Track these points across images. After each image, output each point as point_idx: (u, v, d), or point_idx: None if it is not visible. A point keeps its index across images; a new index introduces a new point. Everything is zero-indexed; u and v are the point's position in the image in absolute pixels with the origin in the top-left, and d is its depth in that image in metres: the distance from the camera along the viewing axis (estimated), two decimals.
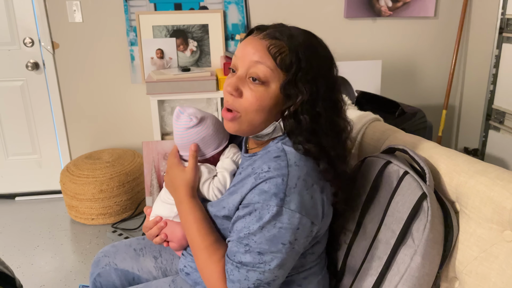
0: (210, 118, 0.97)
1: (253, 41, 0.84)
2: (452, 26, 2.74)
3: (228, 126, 0.88)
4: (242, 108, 0.84)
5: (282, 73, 0.81)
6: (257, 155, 0.89)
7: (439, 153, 0.91)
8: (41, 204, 2.67)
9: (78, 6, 2.44)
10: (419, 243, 0.81)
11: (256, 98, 0.82)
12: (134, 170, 2.42)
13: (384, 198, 0.91)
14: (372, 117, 1.17)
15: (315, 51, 0.84)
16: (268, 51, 0.81)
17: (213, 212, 0.90)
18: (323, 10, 2.62)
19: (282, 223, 0.78)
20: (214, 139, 0.97)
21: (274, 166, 0.80)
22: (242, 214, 0.82)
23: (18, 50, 2.50)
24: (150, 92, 2.22)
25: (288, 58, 0.80)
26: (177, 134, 0.96)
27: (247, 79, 0.83)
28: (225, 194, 0.91)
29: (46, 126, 2.66)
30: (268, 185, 0.79)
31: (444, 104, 2.76)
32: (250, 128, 0.86)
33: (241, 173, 0.90)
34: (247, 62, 0.83)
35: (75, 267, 2.02)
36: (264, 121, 0.85)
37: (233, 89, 0.83)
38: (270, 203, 0.78)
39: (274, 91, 0.82)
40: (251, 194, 0.81)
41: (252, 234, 0.79)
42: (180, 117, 0.95)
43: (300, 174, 0.80)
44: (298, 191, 0.79)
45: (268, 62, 0.81)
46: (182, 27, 2.50)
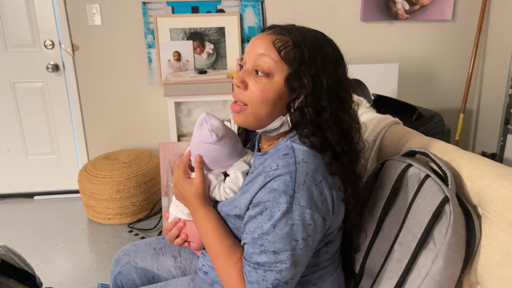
0: (230, 138, 0.95)
1: (260, 36, 0.87)
2: (470, 29, 2.71)
3: (235, 119, 0.90)
4: (248, 99, 0.86)
5: (286, 67, 0.83)
6: (268, 154, 0.90)
7: (461, 156, 0.91)
8: (59, 203, 2.71)
9: (98, 9, 2.48)
10: (441, 247, 0.81)
11: (260, 89, 0.84)
12: (150, 170, 2.45)
13: (404, 201, 0.91)
14: (391, 120, 1.17)
15: (320, 48, 0.85)
16: (273, 44, 0.84)
17: (225, 212, 0.91)
18: (340, 13, 2.62)
19: (293, 220, 0.79)
20: (225, 161, 0.96)
21: (282, 164, 0.82)
22: (254, 214, 0.83)
23: (39, 52, 2.55)
24: (167, 94, 2.25)
25: (292, 52, 0.82)
26: (194, 142, 0.95)
27: (252, 71, 0.86)
28: (237, 193, 0.92)
29: (65, 127, 2.71)
30: (277, 183, 0.80)
31: (462, 108, 2.73)
32: (256, 121, 0.88)
33: (253, 172, 0.91)
34: (253, 55, 0.86)
35: (92, 266, 2.05)
36: (270, 114, 0.86)
37: (239, 81, 0.86)
38: (279, 201, 0.79)
39: (278, 84, 0.84)
40: (260, 193, 0.82)
41: (265, 233, 0.80)
42: (202, 126, 0.93)
43: (308, 171, 0.81)
44: (307, 187, 0.80)
45: (272, 54, 0.83)
46: (199, 29, 2.53)
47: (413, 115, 1.92)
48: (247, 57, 0.88)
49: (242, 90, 0.87)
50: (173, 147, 2.30)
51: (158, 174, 2.50)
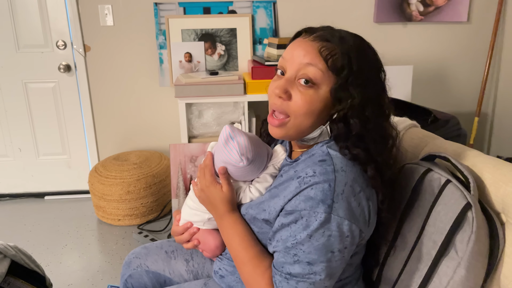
0: (259, 156, 0.91)
1: (303, 43, 0.82)
2: (486, 31, 2.66)
3: (274, 132, 0.85)
4: (291, 111, 0.82)
5: (332, 76, 0.80)
6: (300, 159, 0.87)
7: (484, 161, 0.88)
8: (69, 203, 2.71)
9: (110, 10, 2.48)
10: (463, 255, 0.78)
11: (306, 101, 0.80)
12: (160, 172, 2.44)
13: (424, 207, 0.88)
14: (409, 123, 1.14)
15: (366, 55, 0.83)
16: (320, 53, 0.79)
17: (252, 214, 0.88)
18: (353, 15, 2.59)
19: (330, 231, 0.76)
20: (254, 175, 0.93)
21: (320, 171, 0.78)
22: (287, 222, 0.79)
23: (51, 52, 2.55)
24: (179, 95, 2.24)
25: (339, 61, 0.79)
26: (220, 159, 0.91)
27: (296, 81, 0.82)
28: (265, 195, 0.88)
29: (76, 127, 2.71)
30: (315, 191, 0.76)
31: (477, 112, 2.68)
32: (297, 132, 0.84)
33: (283, 175, 0.88)
34: (296, 64, 0.81)
35: (102, 267, 2.04)
36: (312, 125, 0.83)
37: (282, 91, 0.81)
38: (317, 210, 0.76)
39: (324, 94, 0.81)
40: (295, 200, 0.79)
41: (299, 243, 0.77)
42: (229, 145, 0.88)
43: (347, 180, 0.78)
44: (346, 197, 0.76)
45: (319, 64, 0.79)
46: (210, 31, 2.51)
47: (428, 119, 1.88)
48: (289, 65, 0.83)
49: (284, 100, 0.82)
50: (183, 149, 2.28)
51: (169, 175, 2.49)
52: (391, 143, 0.86)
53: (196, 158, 2.29)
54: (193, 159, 2.29)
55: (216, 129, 2.38)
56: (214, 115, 2.36)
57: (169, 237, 2.26)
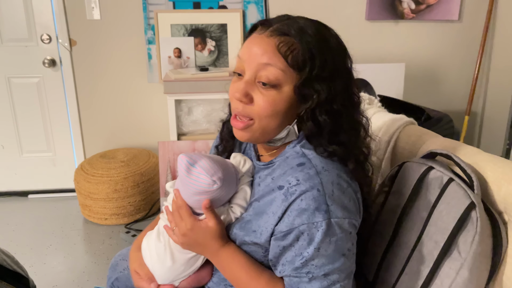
0: (228, 173, 0.82)
1: (259, 40, 0.75)
2: (477, 30, 2.66)
3: (239, 135, 0.80)
4: (255, 114, 0.76)
5: (294, 73, 0.74)
6: (275, 163, 0.82)
7: (485, 159, 0.85)
8: (54, 202, 2.64)
9: (97, 3, 2.41)
10: (466, 256, 0.75)
11: (269, 102, 0.75)
12: (149, 170, 2.38)
13: (424, 206, 0.85)
14: (406, 120, 1.11)
15: (328, 44, 0.76)
16: (278, 50, 0.73)
17: (241, 237, 0.81)
18: (344, 12, 2.56)
19: (336, 235, 0.72)
20: (229, 194, 0.84)
21: (303, 177, 0.74)
22: (288, 243, 0.74)
23: (35, 46, 2.48)
24: (168, 91, 2.18)
25: (300, 56, 0.73)
26: (189, 192, 0.81)
27: (256, 83, 0.76)
28: (249, 212, 0.82)
29: (61, 124, 2.64)
30: (306, 201, 0.72)
31: (467, 110, 2.68)
32: (263, 135, 0.79)
33: (260, 184, 0.83)
34: (254, 64, 0.75)
35: (88, 268, 1.98)
36: (278, 126, 0.78)
37: (242, 95, 0.76)
38: (316, 220, 0.71)
39: (288, 93, 0.75)
40: (288, 217, 0.74)
41: (309, 260, 0.72)
42: (192, 173, 0.79)
43: (333, 179, 0.74)
44: (337, 196, 0.74)
45: (278, 63, 0.73)
46: (200, 26, 2.47)
47: (421, 117, 1.86)
48: (246, 65, 0.76)
49: (246, 104, 0.76)
50: (172, 146, 2.24)
51: (157, 173, 2.43)
52: (364, 132, 0.83)
53: None
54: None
55: (206, 126, 2.34)
56: (204, 112, 2.31)
57: None
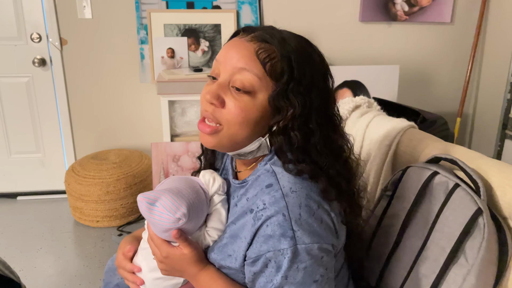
0: (194, 202, 0.78)
1: (238, 44, 0.73)
2: (469, 33, 2.68)
3: (205, 140, 0.76)
4: (224, 119, 0.73)
5: (271, 82, 0.72)
6: (248, 182, 0.79)
7: (488, 164, 0.85)
8: (43, 204, 2.59)
9: (88, 2, 2.37)
10: (473, 263, 0.75)
11: (240, 108, 0.72)
12: (141, 171, 2.35)
13: (429, 211, 0.85)
14: (407, 124, 1.11)
15: (310, 59, 0.74)
16: (256, 55, 0.71)
17: (217, 260, 0.79)
18: (338, 13, 2.56)
19: (304, 262, 0.69)
20: (200, 221, 0.81)
21: (269, 201, 0.71)
22: (258, 270, 0.72)
23: (25, 45, 2.42)
24: (161, 92, 2.16)
25: (279, 65, 0.71)
26: (158, 229, 0.79)
27: (230, 87, 0.73)
28: (226, 235, 0.79)
29: (51, 125, 2.59)
30: (271, 227, 0.69)
31: (459, 112, 2.71)
32: (231, 143, 0.76)
33: (237, 204, 0.80)
34: (230, 68, 0.72)
35: (79, 271, 1.94)
36: (248, 136, 0.75)
37: (214, 97, 0.72)
38: (281, 247, 0.68)
39: (261, 102, 0.73)
40: (256, 243, 0.72)
41: (279, 287, 0.70)
42: (153, 212, 0.75)
43: (300, 201, 0.70)
44: (305, 220, 0.69)
45: (255, 69, 0.71)
46: (194, 26, 2.44)
47: (415, 119, 1.86)
48: (222, 68, 0.74)
49: (216, 107, 0.73)
50: (166, 148, 2.21)
51: (149, 175, 2.40)
52: (345, 156, 0.79)
53: (179, 157, 2.22)
54: (176, 159, 2.22)
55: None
56: (197, 113, 2.29)
57: None
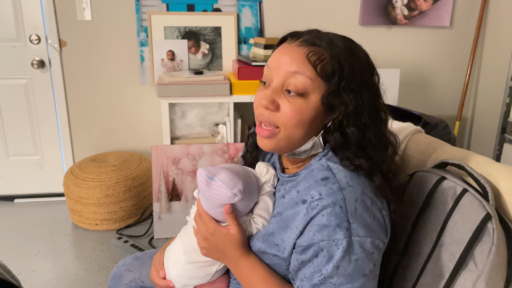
0: (249, 184, 0.82)
1: (289, 49, 0.77)
2: (468, 37, 2.70)
3: (264, 144, 0.80)
4: (280, 122, 0.77)
5: (323, 83, 0.75)
6: (300, 175, 0.81)
7: (498, 169, 0.85)
8: (41, 207, 2.57)
9: (88, 4, 2.36)
10: (483, 268, 0.75)
11: (296, 111, 0.75)
12: (141, 174, 2.34)
13: (437, 216, 0.85)
14: (414, 129, 1.11)
15: (357, 57, 0.77)
16: (307, 59, 0.74)
17: (262, 248, 0.81)
18: (338, 16, 2.57)
19: (356, 254, 0.70)
20: (251, 205, 0.84)
21: (326, 192, 0.73)
22: (307, 258, 0.73)
23: (24, 47, 2.41)
24: (162, 94, 2.15)
25: (329, 66, 0.74)
26: (211, 205, 0.83)
27: (283, 91, 0.77)
28: (272, 224, 0.81)
29: (50, 127, 2.57)
30: (327, 217, 0.71)
31: (458, 116, 2.72)
32: (288, 144, 0.79)
33: (285, 196, 0.82)
34: (283, 72, 0.76)
35: (79, 275, 1.93)
36: (304, 136, 0.78)
37: (269, 102, 0.76)
38: (336, 237, 0.70)
39: (315, 103, 0.76)
40: (308, 232, 0.73)
41: (328, 277, 0.70)
42: (212, 187, 0.80)
43: (356, 196, 0.73)
44: (360, 214, 0.72)
45: (307, 71, 0.74)
46: (194, 28, 2.44)
47: (417, 123, 1.87)
48: (275, 74, 0.77)
49: (272, 111, 0.77)
50: (166, 150, 2.20)
51: (149, 178, 2.39)
52: (392, 150, 0.82)
53: (179, 160, 2.21)
54: (176, 161, 2.21)
55: (200, 130, 2.31)
56: (198, 116, 2.28)
57: (150, 242, 2.17)
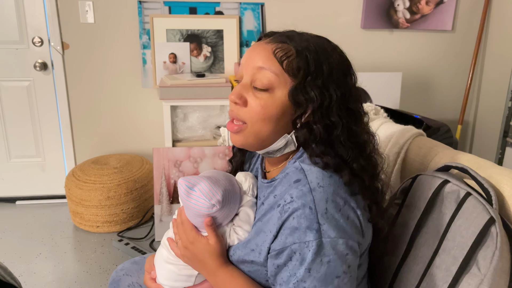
0: (229, 193, 0.83)
1: (257, 46, 0.79)
2: (470, 41, 2.70)
3: (234, 139, 0.82)
4: (247, 117, 0.78)
5: (289, 79, 0.75)
6: (276, 180, 0.81)
7: (501, 173, 0.85)
8: (42, 209, 2.57)
9: (91, 7, 2.37)
10: (486, 272, 0.74)
11: (261, 106, 0.76)
12: (142, 177, 2.34)
13: (440, 220, 0.84)
14: (415, 132, 1.10)
15: (327, 55, 0.76)
16: (274, 54, 0.76)
17: (240, 256, 0.81)
18: (340, 20, 2.57)
19: (328, 256, 0.70)
20: (231, 215, 0.84)
21: (296, 194, 0.73)
22: (282, 262, 0.73)
23: (27, 49, 2.42)
24: (164, 97, 2.15)
25: (295, 62, 0.74)
26: (191, 214, 0.83)
27: (251, 87, 0.78)
28: (250, 233, 0.81)
29: (52, 129, 2.58)
30: (297, 219, 0.71)
31: (460, 119, 2.71)
32: (257, 141, 0.79)
33: (264, 203, 0.81)
34: (250, 69, 0.78)
35: (80, 278, 1.92)
36: (273, 132, 0.78)
37: (237, 97, 0.78)
38: (306, 239, 0.70)
39: (281, 98, 0.76)
40: (281, 235, 0.73)
41: (301, 280, 0.70)
42: (191, 196, 0.81)
43: (327, 196, 0.72)
44: (331, 215, 0.71)
45: (273, 67, 0.75)
46: (196, 31, 2.44)
47: (419, 127, 1.86)
48: (244, 70, 0.79)
49: (240, 106, 0.79)
50: (167, 153, 2.20)
51: (150, 180, 2.39)
52: (369, 150, 0.81)
53: (181, 163, 2.20)
54: (178, 164, 2.21)
55: (202, 132, 2.31)
56: (199, 118, 2.29)
57: (151, 244, 2.17)
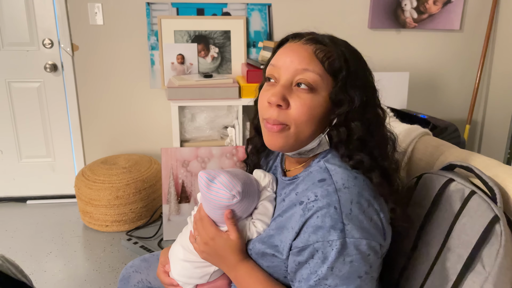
0: (248, 186, 0.84)
1: (295, 47, 0.79)
2: (478, 40, 2.69)
3: (273, 141, 0.79)
4: (291, 119, 0.76)
5: (330, 79, 0.77)
6: (299, 178, 0.82)
7: (506, 172, 0.85)
8: (52, 208, 2.61)
9: (100, 9, 2.40)
10: (490, 270, 0.75)
11: (307, 106, 0.75)
12: (151, 176, 2.36)
13: (445, 218, 0.85)
14: (422, 131, 1.11)
15: (359, 56, 0.81)
16: (315, 55, 0.76)
17: (261, 249, 0.82)
18: (347, 20, 2.57)
19: (351, 256, 0.70)
20: (250, 208, 0.86)
21: (321, 193, 0.73)
22: (304, 260, 0.73)
23: (37, 51, 2.45)
24: (172, 97, 2.17)
25: (336, 62, 0.76)
26: (210, 207, 0.85)
27: (293, 87, 0.77)
28: (271, 227, 0.82)
29: (61, 129, 2.61)
30: (321, 218, 0.71)
31: (468, 119, 2.70)
32: (297, 142, 0.79)
33: (285, 199, 0.82)
34: (292, 70, 0.77)
35: (89, 276, 1.95)
36: (312, 133, 0.78)
37: (280, 98, 0.75)
38: (330, 238, 0.70)
39: (323, 99, 0.77)
40: (304, 233, 0.73)
41: (323, 278, 0.71)
42: (211, 189, 0.82)
43: (352, 198, 0.73)
44: (355, 216, 0.71)
45: (316, 68, 0.76)
46: (204, 32, 2.46)
47: (426, 127, 1.86)
48: (283, 72, 0.77)
49: (282, 109, 0.76)
50: (175, 153, 2.22)
51: (158, 180, 2.41)
52: (391, 146, 0.83)
53: (189, 163, 2.22)
54: (185, 164, 2.23)
55: (209, 133, 2.32)
56: (207, 119, 2.30)
57: (160, 244, 2.19)
